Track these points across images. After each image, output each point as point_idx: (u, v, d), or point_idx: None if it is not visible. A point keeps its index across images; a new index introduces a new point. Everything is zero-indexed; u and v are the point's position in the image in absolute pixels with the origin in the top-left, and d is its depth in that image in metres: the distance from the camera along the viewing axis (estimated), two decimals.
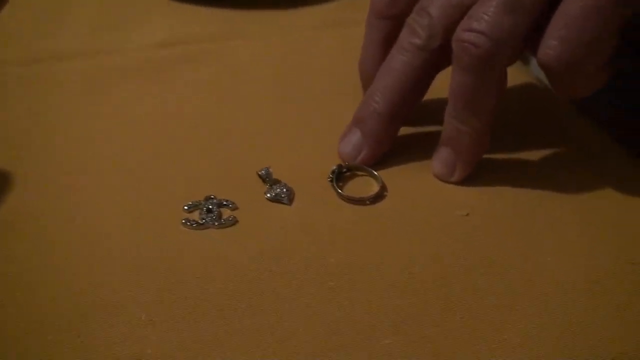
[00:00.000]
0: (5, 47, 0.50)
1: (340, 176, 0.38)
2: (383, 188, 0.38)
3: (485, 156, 0.39)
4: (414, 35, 0.37)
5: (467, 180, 0.38)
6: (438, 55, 0.37)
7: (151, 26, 0.53)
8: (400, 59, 0.38)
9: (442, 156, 0.38)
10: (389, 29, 0.40)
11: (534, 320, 0.30)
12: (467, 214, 0.36)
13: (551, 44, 0.33)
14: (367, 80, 0.41)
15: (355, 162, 0.39)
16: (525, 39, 0.35)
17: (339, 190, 0.37)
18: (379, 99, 0.38)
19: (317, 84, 0.47)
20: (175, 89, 0.46)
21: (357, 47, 0.45)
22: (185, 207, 0.36)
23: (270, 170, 0.38)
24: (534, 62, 0.38)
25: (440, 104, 0.38)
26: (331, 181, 0.37)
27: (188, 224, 0.35)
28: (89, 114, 0.43)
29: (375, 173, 0.38)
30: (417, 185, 0.38)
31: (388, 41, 0.40)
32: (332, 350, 0.29)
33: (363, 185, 0.38)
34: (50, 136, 0.41)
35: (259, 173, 0.38)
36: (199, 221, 0.35)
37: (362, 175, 0.39)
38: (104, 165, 0.39)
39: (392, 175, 0.38)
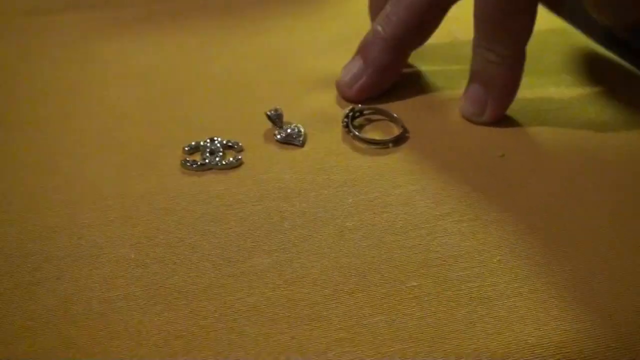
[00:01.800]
0: None
1: (355, 119, 0.34)
2: (405, 130, 0.34)
3: (519, 97, 0.34)
4: None
5: (500, 122, 0.34)
6: None
7: None
8: None
9: (470, 93, 0.34)
10: None
11: (583, 263, 0.26)
12: (503, 155, 0.32)
13: None
14: (374, 9, 0.37)
15: (351, 90, 0.35)
16: None
17: (357, 133, 0.33)
18: (386, 25, 0.34)
19: (333, 31, 0.43)
20: (179, 38, 0.43)
21: None
22: (186, 148, 0.32)
23: (281, 110, 0.34)
24: None
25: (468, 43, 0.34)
26: (346, 125, 0.34)
27: (188, 164, 0.31)
28: (86, 62, 0.40)
29: (395, 115, 0.34)
30: (443, 125, 0.34)
31: None
32: (350, 293, 0.25)
33: (381, 129, 0.34)
34: (43, 83, 0.38)
35: (268, 113, 0.34)
36: (200, 162, 0.32)
37: (379, 119, 0.35)
38: (97, 110, 0.35)
39: (414, 117, 0.34)
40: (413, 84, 0.37)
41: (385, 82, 0.36)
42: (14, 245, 0.27)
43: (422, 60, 0.39)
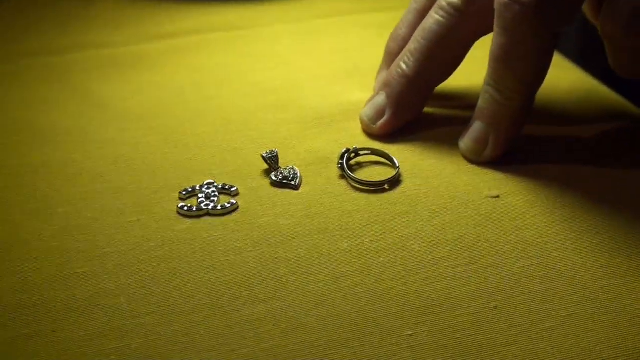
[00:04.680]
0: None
1: (351, 160, 0.34)
2: (400, 170, 0.34)
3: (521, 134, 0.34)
4: None
5: (498, 161, 0.34)
6: (478, 19, 0.33)
7: (147, 22, 0.50)
8: (435, 19, 0.34)
9: (472, 130, 0.34)
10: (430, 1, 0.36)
11: (580, 307, 0.26)
12: (498, 196, 0.32)
13: (619, 9, 0.29)
14: (391, 47, 0.38)
15: (375, 126, 0.36)
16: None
17: (352, 175, 0.33)
18: (409, 60, 0.35)
19: (326, 69, 0.44)
20: (174, 78, 0.43)
21: (368, 32, 0.42)
22: (182, 193, 0.33)
23: (276, 152, 0.34)
24: None
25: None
26: (341, 167, 0.34)
27: (185, 209, 0.32)
28: (84, 104, 0.40)
29: (391, 155, 0.34)
30: (439, 165, 0.34)
31: (427, 12, 0.36)
32: (344, 343, 0.25)
33: (378, 169, 0.34)
34: (41, 127, 0.38)
35: (264, 155, 0.34)
36: (196, 207, 0.32)
37: (375, 159, 0.35)
38: (95, 154, 0.36)
39: (410, 156, 0.35)
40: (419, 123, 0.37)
41: (408, 118, 0.36)
42: (11, 296, 0.27)
43: None
